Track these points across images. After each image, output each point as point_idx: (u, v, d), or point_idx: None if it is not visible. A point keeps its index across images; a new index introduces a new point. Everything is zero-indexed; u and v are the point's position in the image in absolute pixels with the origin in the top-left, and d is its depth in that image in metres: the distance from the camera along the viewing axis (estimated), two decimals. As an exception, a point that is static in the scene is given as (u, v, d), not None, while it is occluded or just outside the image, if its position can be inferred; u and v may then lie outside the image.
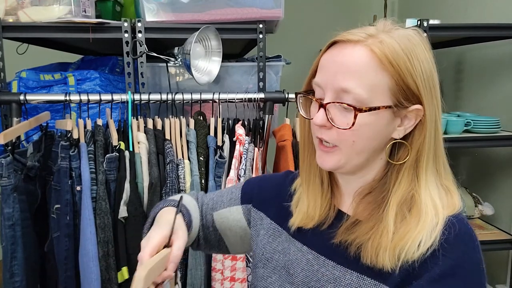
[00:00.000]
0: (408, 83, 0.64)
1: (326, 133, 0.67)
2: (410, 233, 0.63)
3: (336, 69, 0.65)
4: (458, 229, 0.64)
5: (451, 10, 2.43)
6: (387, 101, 0.65)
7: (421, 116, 0.66)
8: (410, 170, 0.67)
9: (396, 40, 0.64)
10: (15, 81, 1.60)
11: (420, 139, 0.67)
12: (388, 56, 0.63)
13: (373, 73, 0.63)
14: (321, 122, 0.66)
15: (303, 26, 3.11)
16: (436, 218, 0.64)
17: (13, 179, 1.31)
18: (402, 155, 0.68)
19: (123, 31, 1.50)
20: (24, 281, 1.34)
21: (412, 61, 0.64)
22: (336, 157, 0.68)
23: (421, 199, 0.65)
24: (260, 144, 1.53)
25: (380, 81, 0.64)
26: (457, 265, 0.62)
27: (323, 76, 0.67)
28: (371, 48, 0.63)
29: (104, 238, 1.30)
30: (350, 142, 0.66)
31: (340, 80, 0.64)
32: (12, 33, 1.49)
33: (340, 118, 0.65)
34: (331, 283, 0.71)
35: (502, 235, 1.90)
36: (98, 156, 1.35)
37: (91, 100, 1.42)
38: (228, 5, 1.54)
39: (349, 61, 0.64)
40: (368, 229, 0.67)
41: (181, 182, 1.39)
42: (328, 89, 0.66)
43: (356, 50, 0.64)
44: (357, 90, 0.63)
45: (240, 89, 1.73)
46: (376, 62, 0.63)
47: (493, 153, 2.13)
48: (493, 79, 2.11)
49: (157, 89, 1.71)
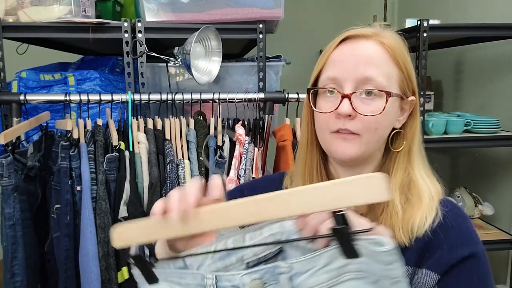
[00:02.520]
0: (410, 73, 0.71)
1: (350, 123, 0.69)
2: (416, 209, 0.68)
3: (356, 61, 0.69)
4: (451, 206, 0.72)
5: (451, 10, 2.43)
6: (398, 91, 0.71)
7: (414, 106, 0.73)
8: (404, 156, 0.73)
9: (394, 37, 0.72)
10: (15, 81, 1.60)
11: (413, 127, 0.74)
12: (395, 50, 0.70)
13: (387, 63, 0.69)
14: (349, 111, 0.68)
15: (303, 26, 3.11)
16: (431, 195, 0.71)
17: (13, 179, 1.31)
18: (398, 143, 0.74)
19: (123, 31, 1.50)
20: (24, 281, 1.34)
21: (407, 56, 0.72)
22: (357, 146, 0.70)
23: (417, 180, 0.71)
24: (260, 144, 1.53)
25: (393, 72, 0.70)
26: (466, 231, 0.70)
27: (340, 69, 0.70)
28: (381, 41, 0.70)
29: (104, 238, 1.30)
30: (373, 129, 0.69)
31: (361, 69, 0.68)
32: (12, 33, 1.49)
33: (364, 107, 0.69)
34: None
35: (502, 235, 1.90)
36: (98, 156, 1.35)
37: (91, 100, 1.42)
38: (228, 5, 1.54)
39: (368, 52, 0.69)
40: (378, 215, 0.70)
41: (181, 182, 1.39)
42: (348, 80, 0.69)
43: (370, 43, 0.70)
44: (379, 78, 0.68)
45: (240, 89, 1.73)
46: (388, 54, 0.70)
47: (493, 153, 2.13)
48: (493, 79, 2.11)
49: (157, 89, 1.71)
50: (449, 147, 2.14)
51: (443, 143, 1.82)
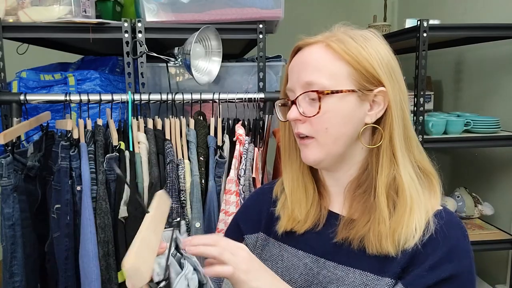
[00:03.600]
0: (365, 66, 0.70)
1: (302, 127, 0.73)
2: (404, 218, 0.67)
3: (299, 69, 0.73)
4: (447, 219, 0.69)
5: (451, 10, 2.43)
6: (349, 86, 0.70)
7: (388, 100, 0.71)
8: (387, 152, 0.71)
9: (350, 35, 0.72)
10: (15, 81, 1.60)
11: (389, 121, 0.71)
12: (342, 47, 0.70)
13: (331, 63, 0.70)
14: (295, 116, 0.72)
15: (303, 26, 3.11)
16: (420, 198, 0.69)
17: (13, 179, 1.31)
18: (376, 139, 0.73)
19: (123, 31, 1.50)
20: (24, 281, 1.34)
21: (366, 49, 0.70)
22: (315, 149, 0.72)
23: (403, 180, 0.69)
24: (260, 144, 1.53)
25: (339, 69, 0.70)
26: (454, 247, 0.67)
27: (290, 80, 0.75)
28: (327, 43, 0.71)
29: (104, 238, 1.30)
30: (323, 129, 0.71)
31: (303, 76, 0.72)
32: (12, 33, 1.49)
33: (309, 108, 0.71)
34: (333, 284, 0.71)
35: (502, 235, 1.90)
36: (98, 156, 1.35)
37: (91, 100, 1.42)
38: (228, 5, 1.54)
39: (308, 58, 0.72)
40: (366, 221, 0.70)
41: (181, 182, 1.39)
42: (296, 88, 0.73)
43: (313, 49, 0.72)
44: (319, 80, 0.70)
45: (240, 89, 1.73)
46: (332, 54, 0.70)
47: (493, 153, 2.13)
48: (493, 79, 2.11)
49: (157, 89, 1.71)
50: (449, 147, 2.14)
51: (443, 143, 1.82)
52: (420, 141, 1.73)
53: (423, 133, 1.74)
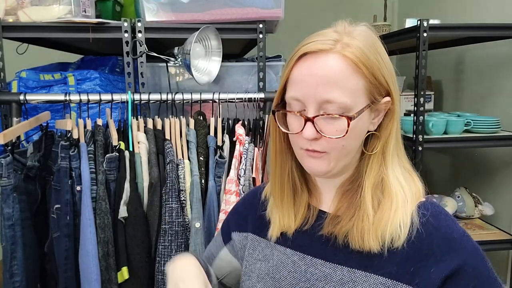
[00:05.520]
0: (380, 79, 0.67)
1: (317, 144, 0.68)
2: (387, 215, 0.67)
3: (315, 82, 0.65)
4: (432, 210, 0.69)
5: (451, 10, 2.43)
6: (365, 101, 0.67)
7: (389, 106, 0.70)
8: (378, 156, 0.70)
9: (359, 40, 0.66)
10: (15, 81, 1.60)
11: (389, 127, 0.71)
12: (360, 59, 0.64)
13: (351, 78, 0.65)
14: (313, 136, 0.67)
15: (303, 26, 3.11)
16: (406, 198, 0.68)
17: (13, 179, 1.31)
18: (372, 144, 0.71)
19: (123, 31, 1.50)
20: (24, 281, 1.34)
21: (377, 56, 0.66)
22: (326, 162, 0.69)
23: (390, 181, 0.69)
24: (260, 144, 1.53)
25: (357, 84, 0.65)
26: (453, 239, 0.66)
27: (301, 90, 0.67)
28: (343, 54, 0.64)
29: (104, 238, 1.30)
30: (340, 147, 0.68)
31: (322, 92, 0.65)
32: (12, 33, 1.49)
33: (328, 127, 0.67)
34: (321, 281, 0.71)
35: (502, 235, 1.90)
36: (98, 156, 1.35)
37: (91, 100, 1.42)
38: (228, 5, 1.54)
39: (327, 71, 0.64)
40: (350, 216, 0.69)
41: (181, 182, 1.39)
42: (311, 102, 0.66)
43: (330, 59, 0.65)
44: (341, 99, 0.64)
45: (240, 89, 1.73)
46: (351, 67, 0.64)
47: (493, 153, 2.13)
48: (493, 79, 2.10)
49: (157, 89, 1.71)
50: (449, 147, 2.14)
51: (443, 143, 1.82)
52: (420, 141, 1.73)
53: (423, 133, 1.74)
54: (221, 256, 0.92)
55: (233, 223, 0.91)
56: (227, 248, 0.92)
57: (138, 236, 1.32)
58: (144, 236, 1.33)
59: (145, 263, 1.33)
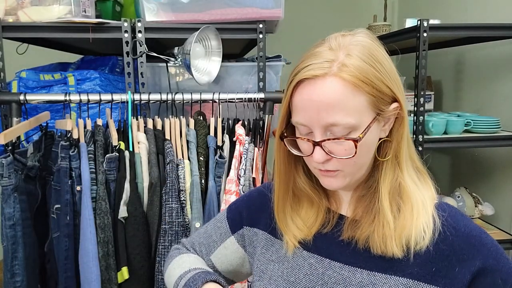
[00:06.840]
0: (383, 90, 0.65)
1: (329, 164, 0.69)
2: (410, 221, 0.67)
3: (317, 108, 0.64)
4: (449, 210, 0.70)
5: (451, 10, 2.43)
6: (371, 115, 0.66)
7: (398, 111, 0.69)
8: (392, 160, 0.70)
9: (357, 55, 0.64)
10: (15, 81, 1.60)
11: (400, 131, 0.70)
12: (359, 77, 0.63)
13: (352, 98, 0.64)
14: (323, 159, 0.67)
15: (303, 26, 3.11)
16: (425, 200, 0.69)
17: (13, 179, 1.31)
18: (385, 150, 0.71)
19: (123, 31, 1.50)
20: (24, 281, 1.34)
21: (378, 68, 0.65)
22: (341, 179, 0.70)
23: (407, 186, 0.69)
24: (260, 144, 1.53)
25: (360, 102, 0.64)
26: (472, 237, 0.67)
27: (305, 116, 0.67)
28: (340, 76, 0.63)
29: (104, 238, 1.30)
30: (352, 163, 0.68)
31: (325, 117, 0.64)
32: (12, 33, 1.49)
33: (337, 148, 0.67)
34: (339, 284, 0.71)
35: (502, 235, 1.90)
36: (98, 156, 1.35)
37: (91, 100, 1.42)
38: (228, 5, 1.54)
39: (326, 96, 0.63)
40: (370, 222, 0.69)
41: (181, 182, 1.39)
42: (316, 126, 0.66)
43: (327, 84, 0.63)
44: (345, 121, 0.64)
45: (240, 89, 1.73)
46: (350, 87, 0.63)
47: (493, 153, 2.13)
48: (493, 79, 2.10)
49: (157, 89, 1.71)
50: (449, 147, 2.14)
51: (443, 143, 1.82)
52: (421, 141, 1.73)
53: (423, 133, 1.74)
54: (227, 244, 0.89)
55: (246, 216, 0.88)
56: (235, 237, 0.88)
57: (138, 236, 1.32)
58: (144, 236, 1.33)
59: (145, 263, 1.33)
